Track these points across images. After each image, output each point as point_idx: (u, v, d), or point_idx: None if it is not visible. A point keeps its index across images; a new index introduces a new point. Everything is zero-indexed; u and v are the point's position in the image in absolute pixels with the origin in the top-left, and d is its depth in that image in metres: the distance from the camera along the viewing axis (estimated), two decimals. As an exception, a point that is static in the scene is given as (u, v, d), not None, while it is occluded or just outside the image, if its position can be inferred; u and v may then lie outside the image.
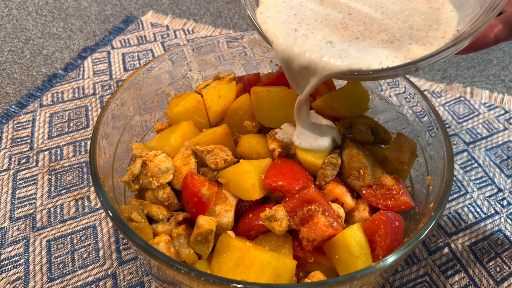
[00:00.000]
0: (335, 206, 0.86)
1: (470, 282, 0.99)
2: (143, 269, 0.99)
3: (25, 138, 1.27)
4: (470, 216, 1.11)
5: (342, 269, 0.78)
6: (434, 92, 1.44)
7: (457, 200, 1.14)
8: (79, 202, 1.12)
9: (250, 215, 0.86)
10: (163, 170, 0.88)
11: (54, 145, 1.25)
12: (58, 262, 1.01)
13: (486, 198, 1.14)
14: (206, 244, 0.80)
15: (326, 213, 0.80)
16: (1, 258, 1.01)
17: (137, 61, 1.54)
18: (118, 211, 0.79)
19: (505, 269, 1.01)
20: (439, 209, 0.77)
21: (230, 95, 1.02)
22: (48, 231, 1.06)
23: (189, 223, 0.88)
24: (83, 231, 1.06)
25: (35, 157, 1.22)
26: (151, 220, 0.87)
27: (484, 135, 1.30)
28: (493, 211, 1.12)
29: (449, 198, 1.11)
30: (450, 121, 1.34)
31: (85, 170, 1.19)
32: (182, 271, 0.67)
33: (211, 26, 1.72)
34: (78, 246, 1.03)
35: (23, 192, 1.14)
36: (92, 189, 1.14)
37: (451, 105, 1.39)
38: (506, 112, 1.37)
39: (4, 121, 1.31)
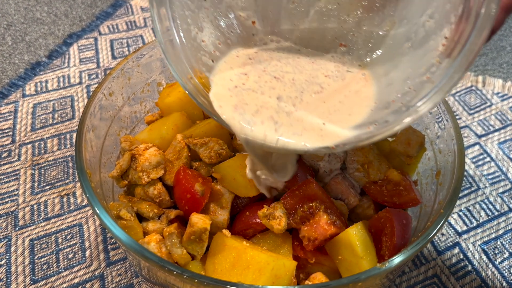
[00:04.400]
0: (338, 203, 0.86)
1: (482, 284, 0.99)
2: (132, 270, 0.99)
3: (6, 131, 1.26)
4: (482, 213, 1.11)
5: (346, 270, 0.78)
6: (444, 81, 1.43)
7: (468, 196, 1.14)
8: (64, 199, 1.11)
9: (247, 213, 0.86)
10: (154, 165, 0.88)
11: (38, 138, 1.24)
12: (42, 262, 1.00)
13: (499, 195, 1.14)
14: (200, 243, 0.80)
15: (328, 211, 0.79)
16: (-19, 259, 1.01)
17: (126, 48, 1.53)
18: (106, 208, 0.79)
19: (519, 270, 1.01)
20: (449, 206, 0.77)
21: (226, 84, 1.02)
22: (31, 229, 1.05)
23: (181, 221, 0.88)
24: (69, 230, 1.06)
25: (17, 151, 1.21)
26: (141, 218, 0.87)
27: (497, 127, 1.30)
28: (506, 208, 1.11)
29: (460, 195, 1.11)
30: (460, 112, 1.34)
31: (70, 164, 1.18)
32: (174, 272, 0.67)
33: (206, 11, 1.71)
34: (63, 246, 1.03)
35: (4, 188, 1.13)
36: (78, 185, 1.14)
37: (462, 95, 1.39)
38: (521, 102, 1.37)
39: (-16, 112, 1.31)
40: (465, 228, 1.08)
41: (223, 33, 0.85)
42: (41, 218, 1.07)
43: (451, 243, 1.05)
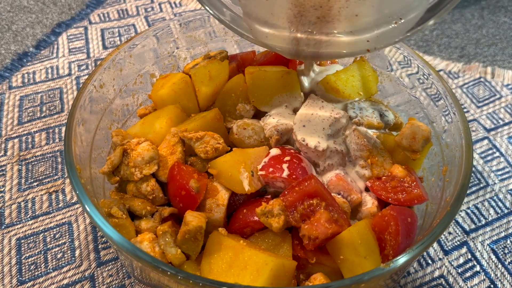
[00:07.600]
0: (340, 201, 0.86)
1: (491, 286, 0.99)
2: (124, 270, 0.99)
3: (-8, 124, 1.26)
4: (491, 211, 1.11)
5: (348, 270, 0.78)
6: (451, 73, 1.43)
7: (477, 193, 1.14)
8: (53, 196, 1.11)
9: (244, 211, 0.85)
10: (147, 160, 0.87)
11: (25, 132, 1.24)
12: (29, 263, 1.00)
13: (509, 191, 1.14)
14: (195, 243, 0.80)
15: (330, 208, 0.79)
16: (-34, 259, 1.01)
17: (118, 38, 1.53)
18: (97, 205, 0.79)
19: (529, 270, 1.01)
20: (456, 203, 0.77)
21: (222, 75, 1.01)
22: (18, 228, 1.05)
23: (176, 219, 0.88)
24: (57, 228, 1.06)
25: (3, 146, 1.21)
26: (133, 216, 0.87)
27: (506, 121, 1.30)
28: (516, 206, 1.12)
29: (468, 191, 1.11)
30: (468, 105, 1.34)
31: (59, 160, 1.18)
32: (168, 273, 0.67)
33: (201, -1, 1.70)
34: (51, 245, 1.03)
35: (-10, 184, 1.13)
36: (67, 181, 1.14)
37: (470, 87, 1.39)
38: (532, 95, 1.36)
39: (-32, 105, 1.30)
40: (473, 226, 1.08)
41: None
42: (28, 216, 1.07)
43: (458, 243, 1.05)
